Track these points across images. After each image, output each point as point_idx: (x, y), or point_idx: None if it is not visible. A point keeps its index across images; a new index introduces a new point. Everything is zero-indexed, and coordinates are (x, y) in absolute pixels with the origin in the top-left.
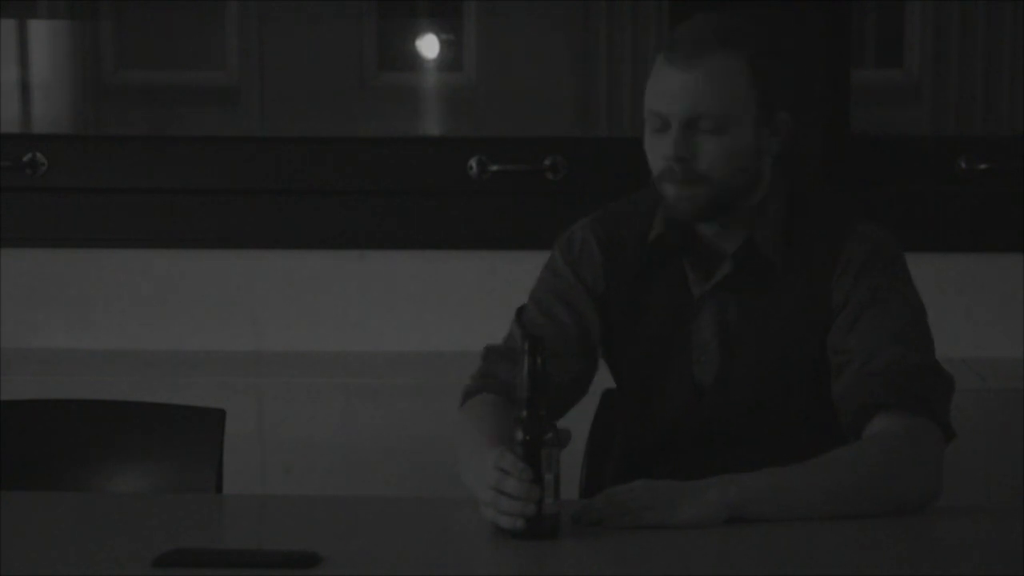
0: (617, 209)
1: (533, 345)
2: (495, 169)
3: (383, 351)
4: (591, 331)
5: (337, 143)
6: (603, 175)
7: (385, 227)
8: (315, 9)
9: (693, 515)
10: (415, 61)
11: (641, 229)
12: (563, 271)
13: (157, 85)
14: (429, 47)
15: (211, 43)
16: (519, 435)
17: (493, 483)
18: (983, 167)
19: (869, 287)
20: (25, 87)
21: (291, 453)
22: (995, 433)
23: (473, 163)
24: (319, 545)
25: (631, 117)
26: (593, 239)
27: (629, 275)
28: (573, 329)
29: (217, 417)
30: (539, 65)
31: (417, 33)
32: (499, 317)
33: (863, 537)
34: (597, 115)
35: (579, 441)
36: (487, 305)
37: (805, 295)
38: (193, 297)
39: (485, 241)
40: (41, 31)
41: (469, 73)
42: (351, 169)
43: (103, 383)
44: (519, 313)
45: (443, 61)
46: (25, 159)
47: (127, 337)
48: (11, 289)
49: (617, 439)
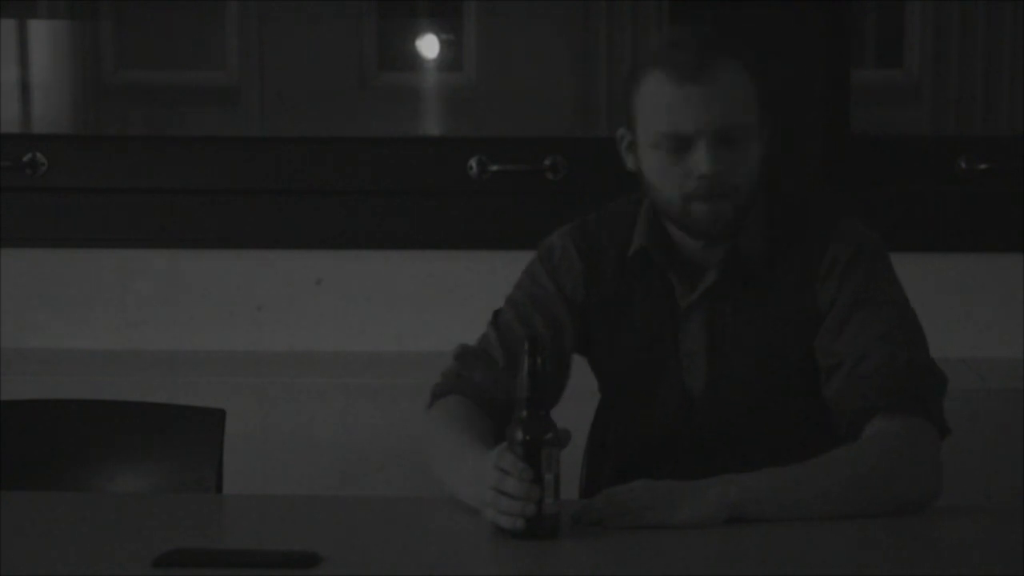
0: (596, 219)
1: (533, 345)
2: (495, 169)
3: (383, 351)
4: (565, 340)
5: (337, 143)
6: (603, 175)
7: (385, 227)
8: (315, 9)
9: (693, 515)
10: (415, 61)
11: (621, 240)
12: (542, 278)
13: (157, 85)
14: (429, 47)
15: (211, 43)
16: (519, 435)
17: (493, 483)
18: (983, 167)
19: (854, 289)
20: (25, 87)
21: (291, 453)
22: (995, 433)
23: (473, 163)
24: (319, 545)
25: None
26: (573, 248)
27: (610, 285)
28: (546, 335)
29: (217, 417)
30: (539, 65)
31: (417, 33)
32: None
33: (863, 537)
34: (597, 115)
35: (579, 441)
36: (487, 305)
37: (791, 299)
38: (193, 297)
39: (485, 241)
40: (41, 31)
41: (469, 73)
42: (351, 169)
43: (103, 383)
44: (495, 316)
45: (443, 61)
46: (25, 159)
47: (127, 337)
48: (11, 289)
49: (608, 446)
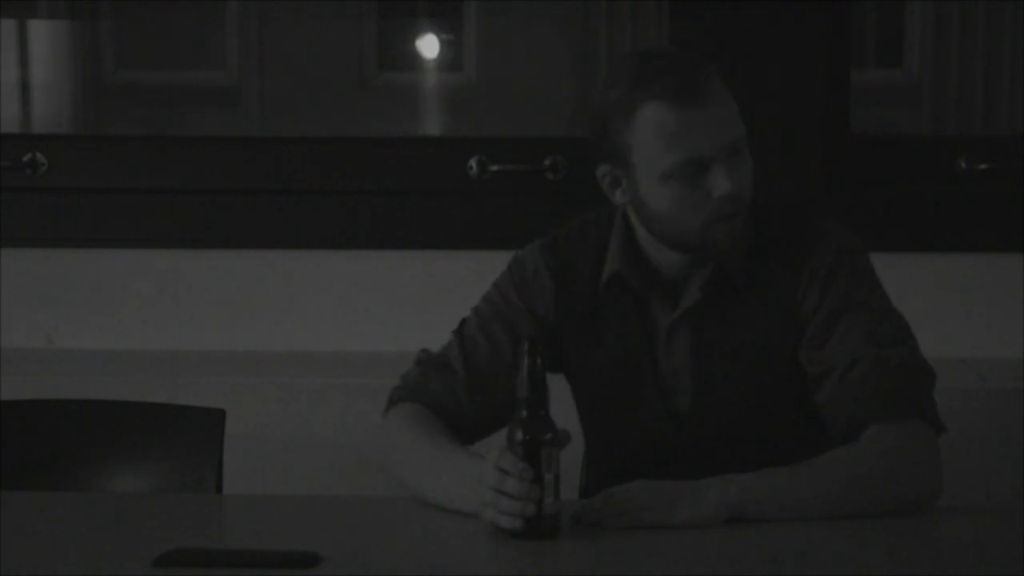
0: (567, 236)
1: (532, 345)
2: (495, 169)
3: (383, 351)
4: None
5: (337, 143)
6: None
7: (385, 227)
8: (315, 9)
9: (692, 515)
10: (415, 61)
11: (594, 260)
12: (511, 296)
13: (157, 85)
14: (429, 47)
15: (211, 43)
16: (519, 435)
17: (493, 483)
18: (983, 167)
19: (838, 295)
20: (25, 87)
21: (291, 453)
22: (995, 433)
23: (473, 163)
24: (319, 545)
25: None
26: (545, 267)
27: (583, 306)
28: (509, 352)
29: (217, 417)
30: (539, 65)
31: (417, 33)
32: None
33: (863, 537)
34: None
35: (579, 441)
36: None
37: (774, 309)
38: (193, 297)
39: (485, 241)
40: (41, 31)
41: (469, 73)
42: (351, 169)
43: (103, 383)
44: (461, 325)
45: (443, 61)
46: (25, 159)
47: (127, 337)
48: (11, 289)
49: (592, 465)
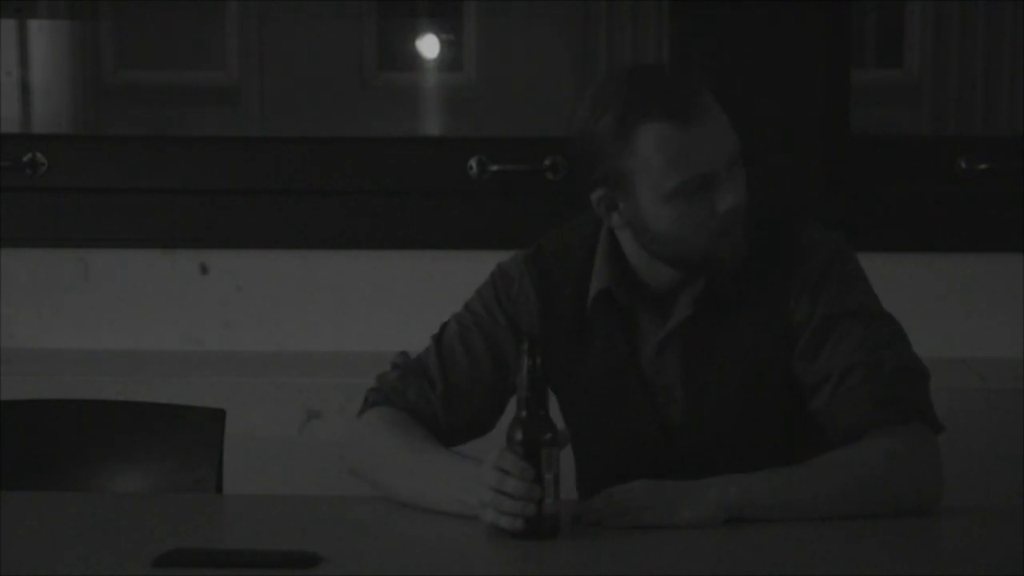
0: (552, 249)
1: (532, 345)
2: (495, 169)
3: (383, 351)
4: (508, 373)
5: (337, 143)
6: None
7: (385, 227)
8: (315, 9)
9: (692, 515)
10: (415, 61)
11: (579, 275)
12: (494, 309)
13: (157, 85)
14: (429, 47)
15: (211, 43)
16: (519, 435)
17: (494, 483)
18: (983, 167)
19: (829, 303)
20: (25, 87)
21: (291, 453)
22: (995, 433)
23: (473, 163)
24: (319, 545)
25: None
26: (530, 282)
27: (568, 321)
28: (489, 366)
29: (217, 417)
30: (539, 65)
31: (417, 33)
32: None
33: (863, 537)
34: None
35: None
36: None
37: (765, 321)
38: (193, 297)
39: (485, 241)
40: (41, 31)
41: (469, 73)
42: (351, 169)
43: (103, 383)
44: (442, 331)
45: (443, 61)
46: (25, 159)
47: (127, 337)
48: (11, 289)
49: (582, 479)
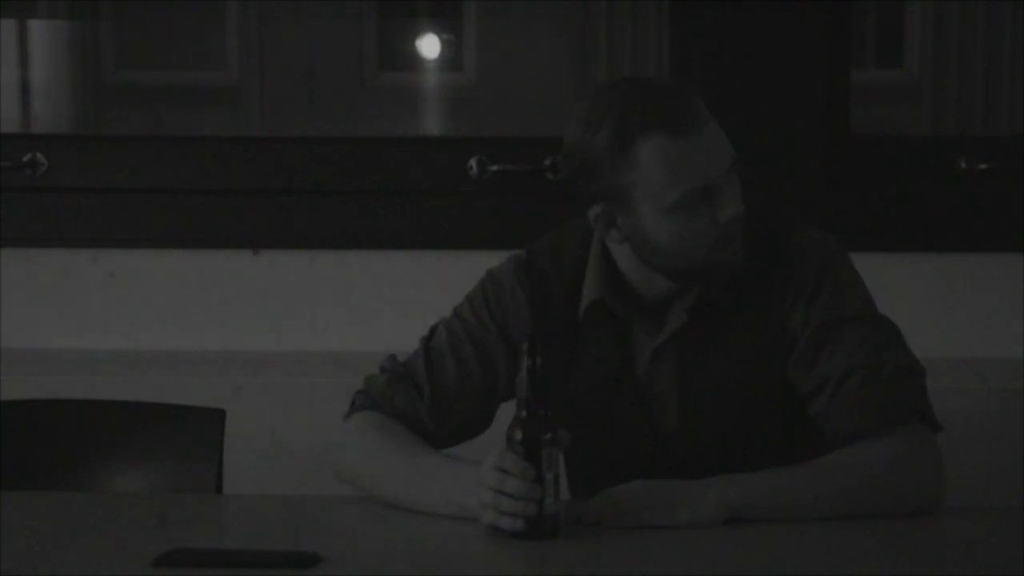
0: (543, 257)
1: (532, 345)
2: (495, 169)
3: (383, 351)
4: (497, 381)
5: (337, 143)
6: None
7: (385, 227)
8: (315, 9)
9: (692, 516)
10: (415, 61)
11: (570, 284)
12: (485, 317)
13: (157, 85)
14: (429, 47)
15: (211, 43)
16: (519, 435)
17: (494, 484)
18: (983, 167)
19: (824, 309)
20: (25, 87)
21: (291, 453)
22: (995, 433)
23: (473, 163)
24: (319, 545)
25: None
26: (521, 291)
27: (560, 331)
28: (478, 375)
29: (217, 417)
30: (539, 65)
31: (417, 33)
32: None
33: (863, 537)
34: None
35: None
36: None
37: (760, 328)
38: (193, 297)
39: (485, 241)
40: (41, 31)
41: (469, 73)
42: (351, 169)
43: (103, 383)
44: (431, 336)
45: (443, 61)
46: (25, 159)
47: (127, 337)
48: (11, 289)
49: (575, 489)
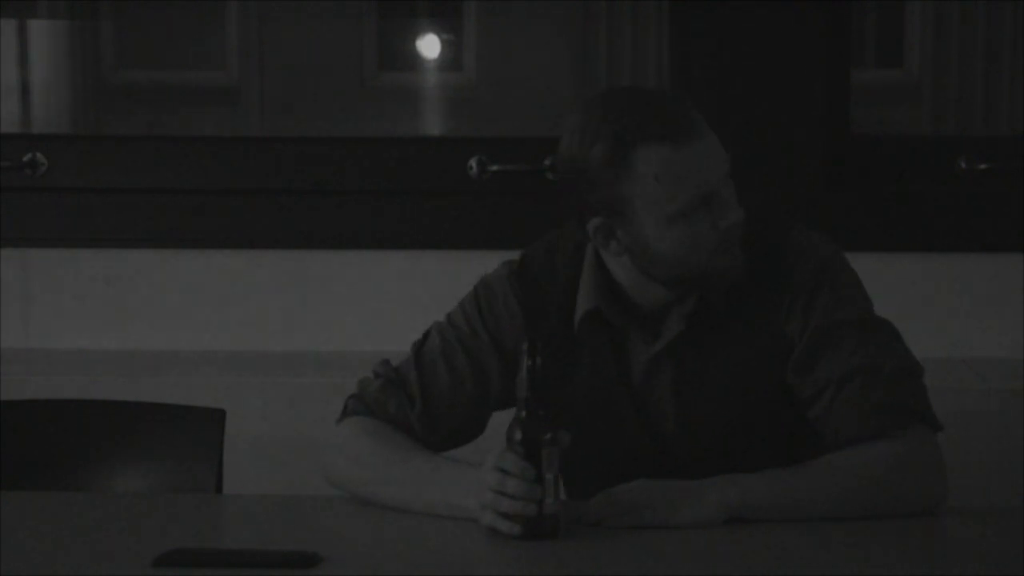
0: (538, 265)
1: (532, 346)
2: (495, 169)
3: (383, 351)
4: (489, 389)
5: (337, 143)
6: None
7: (385, 227)
8: (315, 9)
9: (692, 516)
10: (415, 61)
11: (564, 293)
12: (478, 326)
13: (157, 85)
14: (429, 47)
15: (211, 43)
16: (519, 435)
17: (494, 485)
18: (983, 167)
19: (822, 313)
20: (25, 87)
21: (291, 453)
22: (995, 433)
23: (473, 163)
24: (319, 545)
25: None
26: (515, 299)
27: (555, 339)
28: (470, 384)
29: (217, 417)
30: (539, 65)
31: (417, 33)
32: None
33: (863, 537)
34: None
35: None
36: None
37: (757, 334)
38: (193, 297)
39: (485, 241)
40: (41, 31)
41: (469, 73)
42: (351, 169)
43: (103, 383)
44: (424, 341)
45: (443, 61)
46: (25, 159)
47: (127, 337)
48: (11, 289)
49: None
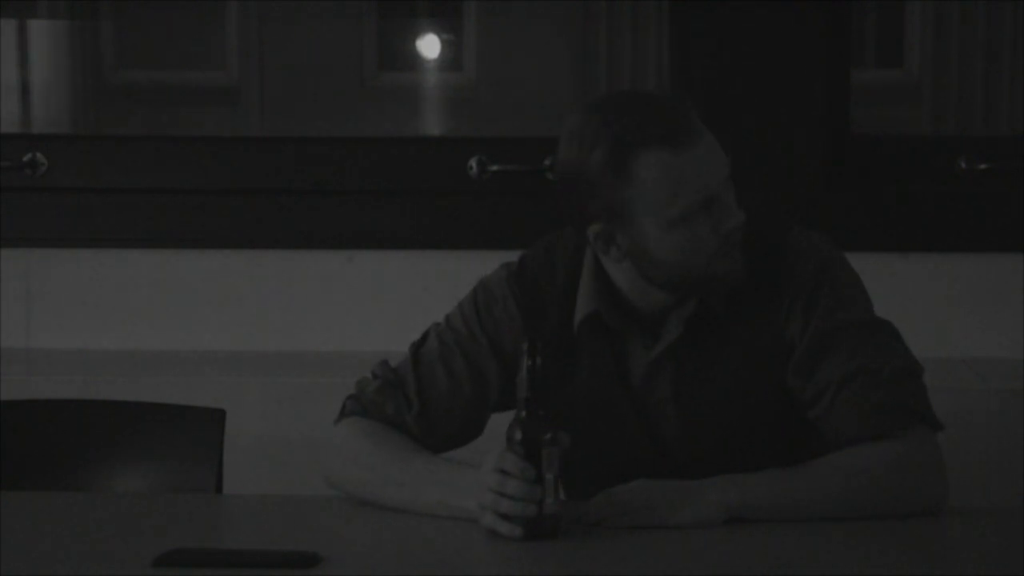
0: (538, 266)
1: (532, 346)
2: (495, 169)
3: (383, 351)
4: (488, 392)
5: (337, 143)
6: None
7: (385, 227)
8: (315, 9)
9: (692, 516)
10: (415, 61)
11: (563, 297)
12: (476, 329)
13: (157, 85)
14: (429, 47)
15: (211, 43)
16: (519, 435)
17: (494, 485)
18: (983, 167)
19: (822, 316)
20: (25, 87)
21: (291, 453)
22: (995, 433)
23: (473, 163)
24: (319, 545)
25: None
26: (514, 302)
27: (554, 342)
28: (468, 386)
29: (217, 417)
30: (539, 65)
31: (417, 33)
32: None
33: (863, 537)
34: None
35: None
36: None
37: (757, 337)
38: (193, 297)
39: (485, 241)
40: (41, 31)
41: (469, 73)
42: (351, 169)
43: (103, 383)
44: (422, 342)
45: (443, 61)
46: (25, 159)
47: (127, 337)
48: (11, 289)
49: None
